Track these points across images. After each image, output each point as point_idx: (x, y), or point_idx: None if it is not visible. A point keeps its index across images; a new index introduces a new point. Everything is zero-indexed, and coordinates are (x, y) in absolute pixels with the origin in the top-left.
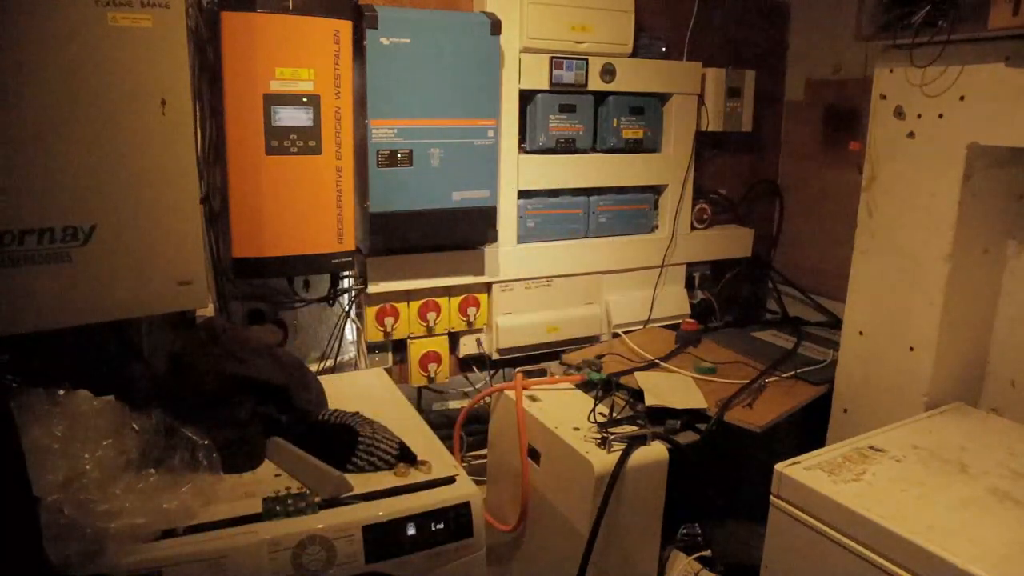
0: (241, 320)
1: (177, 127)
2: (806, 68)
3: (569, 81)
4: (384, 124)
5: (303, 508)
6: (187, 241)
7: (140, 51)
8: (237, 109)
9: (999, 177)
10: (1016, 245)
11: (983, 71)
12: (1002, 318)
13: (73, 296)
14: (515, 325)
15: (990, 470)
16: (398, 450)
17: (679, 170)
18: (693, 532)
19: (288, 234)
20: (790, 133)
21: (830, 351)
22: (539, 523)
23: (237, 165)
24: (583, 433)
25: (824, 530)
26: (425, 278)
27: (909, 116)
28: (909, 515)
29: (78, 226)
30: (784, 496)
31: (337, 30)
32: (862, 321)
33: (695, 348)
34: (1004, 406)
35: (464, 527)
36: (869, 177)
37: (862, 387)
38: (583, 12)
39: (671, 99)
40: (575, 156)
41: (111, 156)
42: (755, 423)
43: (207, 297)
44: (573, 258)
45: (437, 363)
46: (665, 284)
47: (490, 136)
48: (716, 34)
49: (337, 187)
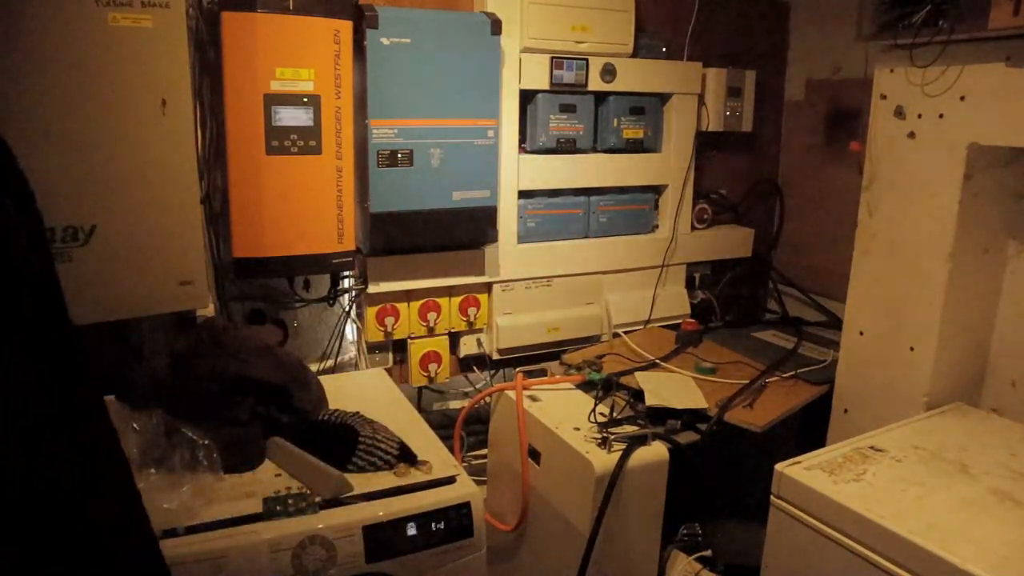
0: (241, 320)
1: (177, 127)
2: (806, 68)
3: (569, 81)
4: (384, 124)
5: (303, 508)
6: (187, 241)
7: (140, 51)
8: (237, 109)
9: (999, 177)
10: (1016, 245)
11: (983, 71)
12: (1002, 318)
13: (73, 296)
14: (515, 325)
15: (990, 470)
16: (398, 450)
17: (679, 170)
18: (693, 532)
19: (288, 234)
20: (790, 133)
21: (830, 351)
22: (539, 523)
23: (237, 165)
24: (583, 433)
25: (824, 530)
26: (425, 278)
27: (909, 116)
28: (909, 515)
29: (78, 226)
30: (784, 496)
31: (337, 30)
32: (862, 321)
33: (695, 348)
34: (1004, 406)
35: (464, 527)
36: (869, 177)
37: (862, 387)
38: (583, 12)
39: (671, 99)
40: (575, 156)
41: (111, 156)
42: (755, 423)
43: (207, 297)
44: (573, 258)
45: (437, 363)
46: (665, 284)
47: (490, 136)
48: (716, 34)
49: (337, 187)
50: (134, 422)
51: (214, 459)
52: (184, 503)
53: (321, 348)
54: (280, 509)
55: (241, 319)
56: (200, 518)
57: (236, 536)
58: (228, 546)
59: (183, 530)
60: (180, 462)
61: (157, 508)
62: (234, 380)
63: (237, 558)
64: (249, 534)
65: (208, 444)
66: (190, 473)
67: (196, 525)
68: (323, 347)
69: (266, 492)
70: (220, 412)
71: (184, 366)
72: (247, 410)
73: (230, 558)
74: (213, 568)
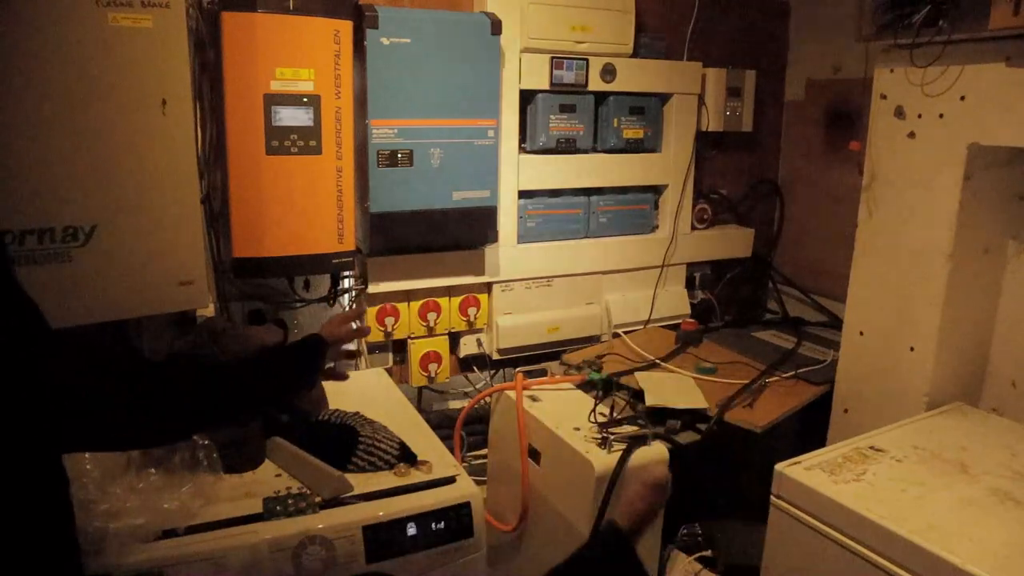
0: (241, 320)
1: (177, 127)
2: (806, 68)
3: (569, 81)
4: (384, 124)
5: (303, 508)
6: (187, 241)
7: (140, 51)
8: (237, 109)
9: (999, 177)
10: (1016, 245)
11: (983, 71)
12: (1002, 318)
13: (73, 296)
14: (515, 325)
15: (991, 470)
16: (398, 450)
17: (679, 170)
18: (693, 532)
19: (288, 234)
20: (790, 133)
21: (830, 351)
22: (539, 523)
23: (237, 165)
24: (583, 433)
25: (824, 530)
26: (425, 278)
27: (909, 116)
28: (909, 515)
29: (78, 226)
30: (784, 496)
31: (337, 30)
32: (862, 321)
33: (695, 348)
34: (1005, 406)
35: (464, 527)
36: (869, 177)
37: (862, 387)
38: (583, 12)
39: (671, 99)
40: (575, 156)
41: (111, 156)
42: (755, 423)
43: (207, 297)
44: (573, 258)
45: (437, 363)
46: (665, 284)
47: (490, 136)
48: (716, 34)
49: (337, 187)
50: None
51: (214, 459)
52: (184, 503)
53: None
54: (280, 509)
55: (241, 319)
56: (200, 518)
57: (236, 536)
58: (228, 546)
59: (183, 530)
60: (180, 462)
61: (157, 508)
62: None
63: (237, 558)
64: (249, 534)
65: (208, 444)
66: (190, 473)
67: (196, 525)
68: None
69: (266, 492)
70: None
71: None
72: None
73: (230, 558)
74: (213, 568)
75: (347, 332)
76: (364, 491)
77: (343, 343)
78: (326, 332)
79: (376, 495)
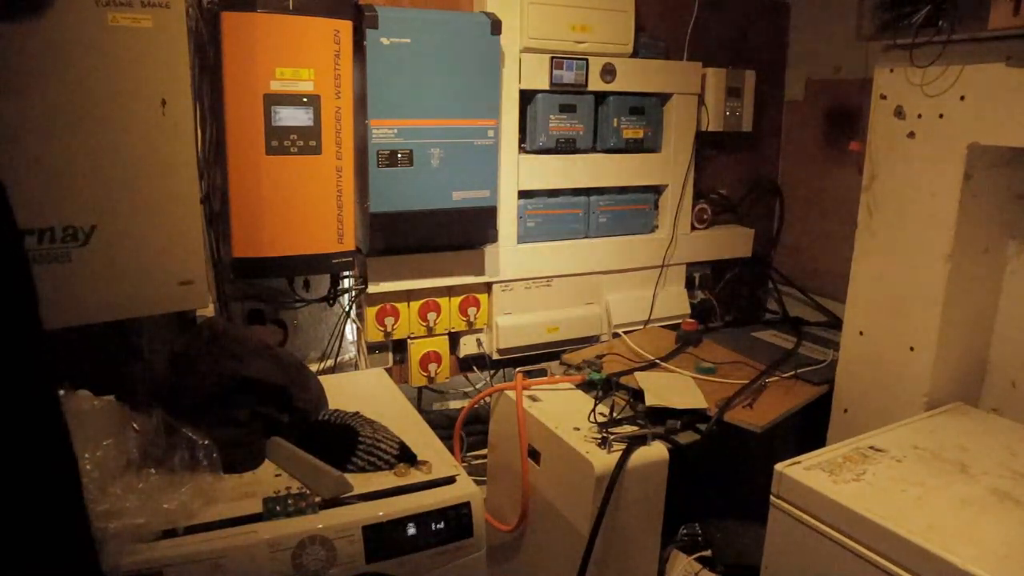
0: (241, 320)
1: (177, 127)
2: (806, 68)
3: (569, 81)
4: (384, 124)
5: (303, 508)
6: (187, 241)
7: (140, 51)
8: (237, 109)
9: (999, 177)
10: (1016, 245)
11: (983, 71)
12: (1002, 318)
13: (73, 296)
14: (515, 325)
15: (990, 470)
16: (398, 450)
17: (679, 170)
18: (693, 532)
19: (288, 234)
20: (790, 133)
21: (830, 351)
22: (539, 523)
23: (237, 165)
24: (583, 433)
25: (824, 530)
26: (425, 278)
27: (909, 116)
28: (909, 515)
29: (78, 226)
30: (784, 496)
31: (337, 30)
32: (862, 321)
33: (695, 348)
34: (1004, 406)
35: (464, 527)
36: (869, 177)
37: (862, 387)
38: (583, 12)
39: (671, 99)
40: (575, 156)
41: (111, 156)
42: (755, 423)
43: (207, 297)
44: (573, 258)
45: (437, 363)
46: (665, 284)
47: (490, 136)
48: (716, 34)
49: (337, 187)
50: (134, 422)
51: (214, 459)
52: (184, 503)
53: (321, 348)
54: (280, 509)
55: (241, 319)
56: (200, 518)
57: (236, 536)
58: (228, 546)
59: (183, 530)
60: (180, 462)
61: (157, 508)
62: (234, 380)
63: (237, 558)
64: (249, 534)
65: (208, 444)
66: (190, 473)
67: (196, 525)
68: (323, 347)
69: (266, 492)
70: (220, 412)
71: (184, 366)
72: (247, 410)
73: (230, 558)
74: (213, 568)
75: None
76: (364, 491)
77: None
78: None
79: (376, 495)
